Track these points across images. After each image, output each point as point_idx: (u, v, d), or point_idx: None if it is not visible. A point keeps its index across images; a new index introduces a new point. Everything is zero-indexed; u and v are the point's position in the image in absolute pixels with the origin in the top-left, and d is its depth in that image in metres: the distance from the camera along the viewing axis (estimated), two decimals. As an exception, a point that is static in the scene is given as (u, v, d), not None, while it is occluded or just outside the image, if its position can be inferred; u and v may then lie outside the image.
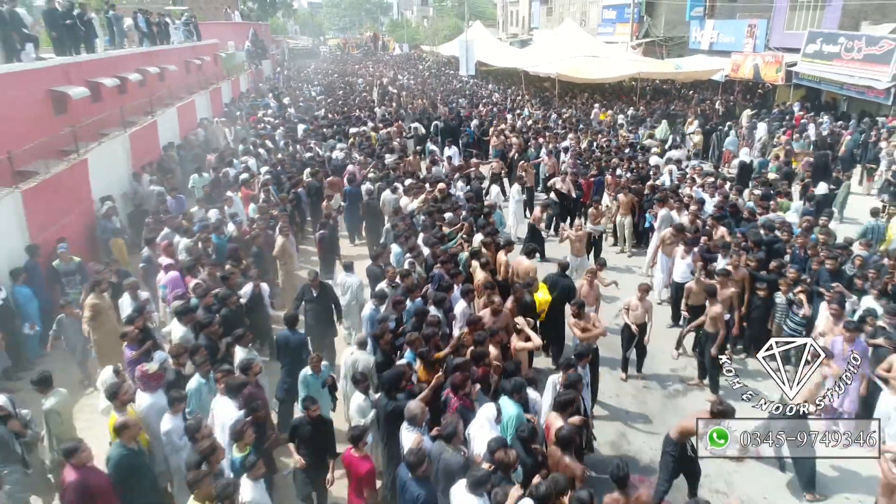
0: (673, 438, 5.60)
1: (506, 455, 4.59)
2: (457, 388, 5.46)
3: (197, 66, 23.67)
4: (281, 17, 76.23)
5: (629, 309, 8.00)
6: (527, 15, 52.00)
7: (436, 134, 19.46)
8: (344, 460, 5.11)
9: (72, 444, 4.69)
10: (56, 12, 13.44)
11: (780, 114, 21.48)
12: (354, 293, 8.58)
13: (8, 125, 10.25)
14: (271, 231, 10.45)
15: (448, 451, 4.85)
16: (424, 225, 10.20)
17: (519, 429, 5.21)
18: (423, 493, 4.50)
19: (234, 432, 4.88)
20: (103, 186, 11.77)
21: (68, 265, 8.92)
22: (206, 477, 4.32)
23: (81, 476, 4.66)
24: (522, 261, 8.68)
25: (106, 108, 14.17)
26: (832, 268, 8.24)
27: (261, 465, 4.68)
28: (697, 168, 14.00)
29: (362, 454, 5.04)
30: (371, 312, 7.43)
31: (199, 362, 5.87)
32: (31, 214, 9.17)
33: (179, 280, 8.49)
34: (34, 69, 11.78)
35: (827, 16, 22.77)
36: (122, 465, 4.84)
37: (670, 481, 5.73)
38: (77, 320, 7.79)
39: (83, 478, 4.65)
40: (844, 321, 6.92)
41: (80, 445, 4.67)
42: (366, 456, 5.08)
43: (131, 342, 6.54)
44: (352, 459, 5.04)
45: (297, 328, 7.08)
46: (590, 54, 25.80)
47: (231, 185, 12.70)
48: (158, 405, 5.57)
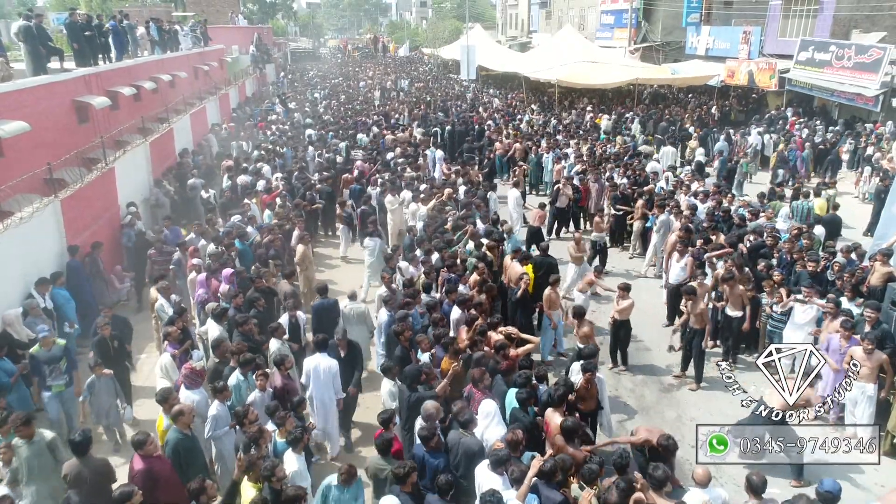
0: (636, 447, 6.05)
1: (514, 435, 5.23)
2: (477, 381, 6.06)
3: (205, 71, 24.23)
4: (281, 18, 76.70)
5: (622, 308, 8.67)
6: (526, 18, 52.61)
7: (441, 139, 19.97)
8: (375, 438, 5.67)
9: (141, 437, 5.24)
10: (77, 24, 14.03)
11: (771, 119, 22.15)
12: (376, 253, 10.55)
13: (39, 135, 10.82)
14: (283, 238, 11.05)
15: (466, 437, 5.47)
16: (426, 233, 10.69)
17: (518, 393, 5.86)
18: (440, 463, 5.15)
19: (277, 419, 5.59)
20: (128, 193, 12.40)
21: (50, 351, 7.15)
22: (259, 460, 4.96)
23: (148, 465, 5.21)
24: (515, 266, 9.29)
25: (122, 116, 14.76)
26: (812, 271, 8.89)
27: (304, 441, 5.47)
28: (689, 175, 14.59)
29: (391, 436, 5.65)
30: (388, 318, 7.83)
31: (243, 362, 6.48)
32: (69, 221, 9.80)
33: (204, 282, 9.10)
34: (60, 81, 12.35)
35: (819, 24, 23.45)
36: (179, 448, 5.49)
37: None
38: (109, 379, 7.06)
39: (149, 466, 5.21)
40: (841, 319, 7.46)
41: (148, 438, 5.23)
42: (394, 437, 5.71)
43: (173, 341, 7.15)
44: None
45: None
46: (589, 60, 26.41)
47: (247, 192, 13.26)
48: (203, 401, 6.25)
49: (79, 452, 5.33)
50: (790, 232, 10.54)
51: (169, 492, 5.17)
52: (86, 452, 5.35)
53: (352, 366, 7.23)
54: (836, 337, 7.42)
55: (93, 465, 5.38)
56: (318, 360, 6.74)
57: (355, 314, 8.25)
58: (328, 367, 6.72)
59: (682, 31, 31.39)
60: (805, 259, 9.15)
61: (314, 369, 6.71)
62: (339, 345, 7.15)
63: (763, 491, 4.93)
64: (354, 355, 7.32)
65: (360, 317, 8.28)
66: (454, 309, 7.91)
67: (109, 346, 7.63)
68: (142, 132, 14.87)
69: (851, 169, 17.84)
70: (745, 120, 23.69)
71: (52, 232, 9.51)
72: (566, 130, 21.06)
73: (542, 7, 48.27)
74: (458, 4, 73.40)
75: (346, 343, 7.20)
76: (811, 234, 10.46)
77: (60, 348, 7.34)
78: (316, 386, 6.74)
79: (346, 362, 7.12)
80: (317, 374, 6.70)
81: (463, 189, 13.53)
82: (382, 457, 5.35)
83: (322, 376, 6.69)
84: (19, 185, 9.28)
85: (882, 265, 8.54)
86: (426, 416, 5.68)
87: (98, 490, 5.24)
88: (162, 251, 10.52)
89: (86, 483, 5.24)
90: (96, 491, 5.23)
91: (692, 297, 8.28)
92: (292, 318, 7.95)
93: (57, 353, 7.26)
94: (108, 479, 5.47)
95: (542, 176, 17.19)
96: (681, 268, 9.83)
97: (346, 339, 7.26)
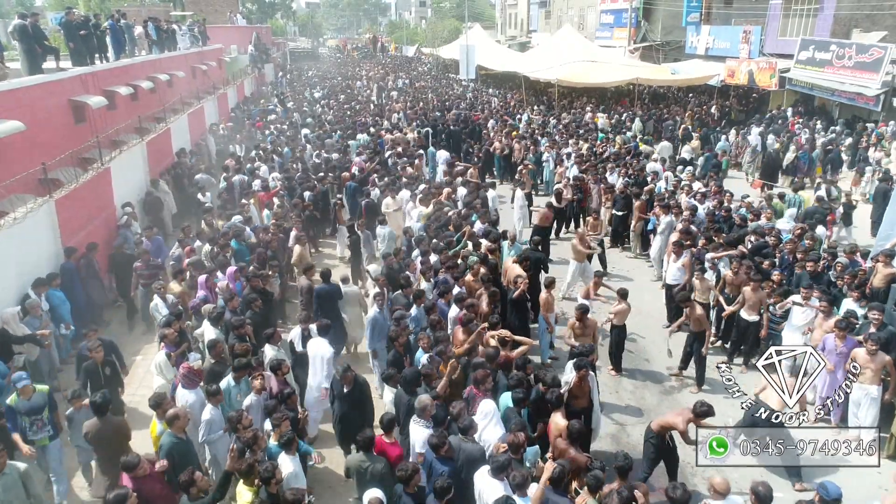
0: (654, 430, 6.16)
1: (515, 437, 5.17)
2: (479, 383, 5.99)
3: (203, 71, 24.14)
4: (280, 18, 76.67)
5: (615, 311, 8.62)
6: (525, 18, 52.54)
7: (439, 139, 19.89)
8: (377, 446, 5.62)
9: (131, 460, 5.07)
10: (73, 23, 13.94)
11: (771, 119, 22.08)
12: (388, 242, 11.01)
13: (35, 135, 10.74)
14: (283, 236, 10.98)
15: (467, 443, 5.41)
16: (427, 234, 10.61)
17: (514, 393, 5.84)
18: (447, 469, 5.09)
19: (274, 419, 5.55)
20: (123, 193, 12.31)
21: (30, 401, 6.21)
22: (254, 464, 4.90)
23: (137, 486, 5.03)
24: (515, 268, 9.19)
25: (119, 116, 14.67)
26: (812, 271, 8.80)
27: (296, 442, 5.46)
28: (690, 175, 14.51)
29: (392, 440, 5.65)
30: (376, 314, 7.90)
31: (237, 367, 6.41)
32: (64, 222, 9.71)
33: (204, 284, 9.02)
34: (56, 80, 12.26)
35: (819, 23, 23.37)
36: (173, 452, 5.41)
37: (652, 467, 6.27)
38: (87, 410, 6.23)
39: (139, 487, 5.03)
40: (836, 320, 7.43)
41: (139, 462, 5.07)
42: (395, 442, 5.70)
43: (169, 344, 7.07)
44: (384, 445, 5.61)
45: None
46: (588, 59, 26.34)
47: (245, 192, 13.18)
48: (199, 401, 6.17)
49: (99, 413, 5.84)
50: (793, 232, 10.48)
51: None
52: (105, 412, 5.85)
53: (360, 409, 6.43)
54: (831, 337, 7.37)
55: (111, 424, 5.92)
56: (317, 345, 7.17)
57: (350, 295, 8.93)
58: (324, 353, 7.08)
59: (681, 31, 31.32)
60: (805, 260, 9.06)
61: (316, 352, 7.15)
62: (345, 381, 6.35)
63: (770, 502, 4.84)
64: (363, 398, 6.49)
65: (354, 298, 8.98)
66: (453, 307, 7.88)
67: (101, 373, 6.89)
68: (139, 132, 14.77)
69: (852, 169, 17.76)
70: (744, 119, 23.62)
71: (46, 232, 9.42)
72: (566, 130, 21.00)
73: (541, 6, 48.20)
74: (458, 4, 73.33)
75: (352, 378, 6.39)
76: (813, 234, 10.37)
77: (43, 396, 6.26)
78: (311, 368, 7.18)
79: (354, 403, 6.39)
80: (313, 359, 7.13)
81: (462, 190, 13.46)
82: (364, 453, 5.42)
83: (317, 362, 7.10)
84: (14, 185, 9.21)
85: (885, 266, 8.45)
86: (420, 410, 5.64)
87: (116, 447, 5.77)
88: (148, 264, 9.87)
89: (105, 440, 5.84)
90: (115, 448, 5.77)
91: (688, 304, 8.22)
92: (305, 332, 7.48)
93: (38, 402, 6.19)
94: (126, 437, 6.01)
95: (543, 175, 17.11)
96: (678, 268, 9.78)
97: (353, 374, 6.42)
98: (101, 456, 6.00)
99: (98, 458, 6.14)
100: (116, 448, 5.74)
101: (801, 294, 8.17)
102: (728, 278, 9.01)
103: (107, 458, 5.88)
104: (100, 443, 5.87)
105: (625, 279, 11.83)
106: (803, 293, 8.16)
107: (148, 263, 9.84)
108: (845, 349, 7.22)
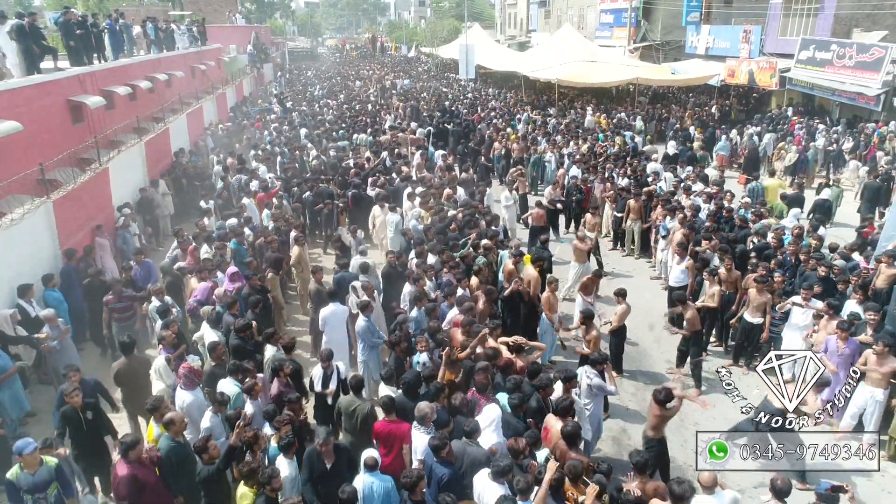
0: (651, 437, 6.14)
1: (516, 443, 5.13)
2: (482, 388, 5.94)
3: (202, 71, 24.08)
4: (279, 18, 76.62)
5: (616, 314, 8.56)
6: (525, 17, 52.48)
7: (439, 139, 19.83)
8: (381, 430, 5.69)
9: (132, 440, 5.13)
10: (70, 23, 13.87)
11: (772, 118, 22.03)
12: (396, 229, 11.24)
13: (32, 135, 10.68)
14: (283, 237, 10.91)
15: (472, 446, 5.36)
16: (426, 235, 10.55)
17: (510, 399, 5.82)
18: (447, 473, 5.03)
19: (276, 423, 5.54)
20: (122, 194, 12.24)
21: (34, 476, 5.31)
22: (257, 466, 4.90)
23: (132, 471, 5.12)
24: (529, 269, 9.16)
25: (117, 116, 14.62)
26: (824, 273, 8.67)
27: (296, 446, 5.43)
28: (693, 175, 14.46)
29: (394, 419, 5.71)
30: (365, 324, 7.70)
31: (231, 369, 6.40)
32: (61, 222, 9.65)
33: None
34: (54, 80, 12.20)
35: (819, 23, 23.34)
36: (171, 456, 5.35)
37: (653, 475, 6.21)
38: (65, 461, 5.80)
39: (134, 472, 5.11)
40: (838, 321, 7.38)
41: (139, 443, 5.11)
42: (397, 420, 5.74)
43: (167, 346, 7.00)
44: (389, 426, 5.69)
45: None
46: (588, 59, 26.29)
47: (245, 192, 13.12)
48: (199, 401, 6.11)
49: (126, 351, 6.80)
50: (792, 233, 10.43)
51: (155, 498, 5.14)
52: (131, 352, 6.79)
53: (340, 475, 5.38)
54: (833, 339, 7.32)
55: (136, 361, 6.93)
56: (332, 309, 7.97)
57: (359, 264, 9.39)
58: (341, 312, 8.03)
59: (681, 31, 31.28)
60: (812, 261, 8.98)
61: (330, 315, 7.93)
62: (325, 453, 5.39)
63: (787, 495, 4.85)
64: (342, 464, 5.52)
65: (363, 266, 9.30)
66: (453, 309, 7.83)
67: (81, 418, 5.98)
68: (137, 132, 14.71)
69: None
70: (744, 119, 23.58)
71: (44, 233, 9.36)
72: (566, 129, 20.95)
73: (540, 6, 48.13)
74: (457, 4, 73.26)
75: (332, 450, 5.45)
76: (817, 234, 10.31)
77: (49, 470, 5.39)
78: (330, 328, 7.96)
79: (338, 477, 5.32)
80: (331, 320, 7.94)
81: (462, 191, 13.42)
82: (355, 394, 5.80)
83: (335, 321, 7.96)
84: (11, 185, 9.16)
85: (888, 267, 8.37)
86: (420, 417, 5.57)
87: (140, 385, 6.78)
88: (121, 295, 8.49)
89: (131, 376, 6.80)
90: (139, 385, 6.80)
91: (684, 306, 8.20)
92: (327, 370, 6.66)
93: (44, 476, 5.33)
94: (147, 374, 6.86)
95: (544, 175, 17.06)
96: (681, 270, 9.73)
97: (333, 444, 5.48)
98: (125, 393, 6.92)
99: (123, 395, 6.99)
100: (140, 385, 6.74)
101: (802, 295, 8.13)
102: (722, 275, 8.97)
103: (130, 394, 6.84)
104: (125, 380, 6.79)
105: (625, 277, 11.78)
106: (803, 294, 8.11)
107: (121, 295, 8.47)
108: (847, 350, 7.19)
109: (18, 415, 7.37)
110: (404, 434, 5.62)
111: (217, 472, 5.12)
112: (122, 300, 8.51)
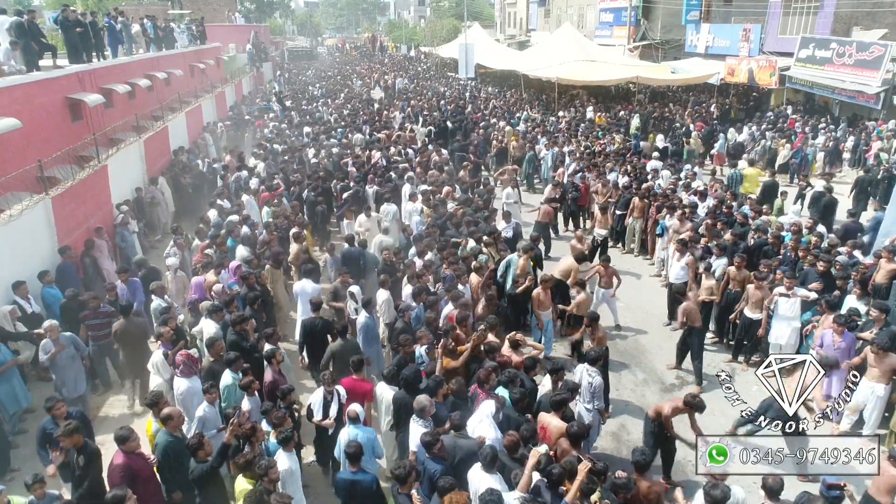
0: (651, 416, 6.30)
1: (511, 437, 5.14)
2: (483, 382, 5.95)
3: (201, 69, 24.06)
4: (279, 17, 76.58)
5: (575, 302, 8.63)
6: (524, 17, 52.45)
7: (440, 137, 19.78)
8: (347, 386, 6.22)
9: (124, 432, 5.19)
10: (70, 21, 13.85)
11: (773, 117, 22.02)
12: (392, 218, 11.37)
13: (32, 133, 10.68)
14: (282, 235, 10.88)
15: (462, 439, 5.36)
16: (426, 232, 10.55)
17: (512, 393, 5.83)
18: (439, 469, 5.03)
19: (275, 418, 5.52)
20: (121, 192, 12.23)
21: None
22: (255, 458, 4.91)
23: (128, 461, 5.18)
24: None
25: (117, 114, 14.62)
26: (823, 270, 8.69)
27: (294, 440, 5.49)
28: (691, 173, 14.45)
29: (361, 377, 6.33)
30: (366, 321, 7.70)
31: (227, 361, 6.38)
32: (60, 220, 9.63)
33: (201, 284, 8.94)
34: (53, 78, 12.20)
35: (819, 21, 23.31)
36: (168, 451, 5.37)
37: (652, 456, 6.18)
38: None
39: (129, 462, 5.18)
40: (834, 315, 7.38)
41: (132, 435, 5.17)
42: (363, 378, 6.37)
43: (166, 342, 6.99)
44: (354, 383, 6.29)
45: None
46: (588, 58, 26.26)
47: (244, 189, 13.10)
48: (195, 390, 6.14)
49: (125, 314, 7.61)
50: (790, 229, 10.42)
51: (147, 490, 5.19)
52: (129, 314, 7.65)
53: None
54: (829, 333, 7.32)
55: (135, 323, 7.74)
56: (303, 284, 8.48)
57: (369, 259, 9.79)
58: (310, 288, 8.42)
59: (681, 29, 31.25)
60: (812, 257, 8.98)
61: (300, 291, 8.45)
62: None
63: (779, 494, 4.83)
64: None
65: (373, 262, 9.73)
66: (448, 304, 7.84)
67: (73, 464, 5.39)
68: (136, 130, 14.69)
69: (853, 167, 17.71)
70: (744, 118, 23.57)
71: (42, 230, 9.34)
72: (567, 128, 20.93)
73: (540, 5, 48.07)
74: (457, 3, 73.09)
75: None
76: (817, 231, 10.30)
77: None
78: (302, 302, 8.41)
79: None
80: (302, 296, 8.38)
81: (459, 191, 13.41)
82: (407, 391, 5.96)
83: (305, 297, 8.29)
84: (10, 182, 9.14)
85: (888, 262, 8.36)
86: (419, 410, 5.58)
87: (139, 343, 7.73)
88: (97, 311, 7.94)
89: (130, 338, 7.60)
90: (137, 346, 7.71)
91: (684, 297, 8.23)
92: (328, 395, 6.16)
93: None
94: (146, 336, 7.91)
95: (542, 173, 17.05)
96: (681, 267, 9.71)
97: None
98: (125, 353, 7.63)
99: (123, 356, 7.70)
100: (138, 346, 7.45)
101: (785, 284, 8.14)
102: (731, 273, 8.95)
103: (129, 355, 7.56)
104: (125, 340, 7.50)
105: (625, 275, 11.73)
106: (786, 283, 8.12)
107: (96, 311, 7.92)
108: (844, 344, 7.19)
109: (16, 410, 7.36)
110: (366, 392, 6.31)
111: (210, 470, 5.12)
112: (98, 316, 7.92)
